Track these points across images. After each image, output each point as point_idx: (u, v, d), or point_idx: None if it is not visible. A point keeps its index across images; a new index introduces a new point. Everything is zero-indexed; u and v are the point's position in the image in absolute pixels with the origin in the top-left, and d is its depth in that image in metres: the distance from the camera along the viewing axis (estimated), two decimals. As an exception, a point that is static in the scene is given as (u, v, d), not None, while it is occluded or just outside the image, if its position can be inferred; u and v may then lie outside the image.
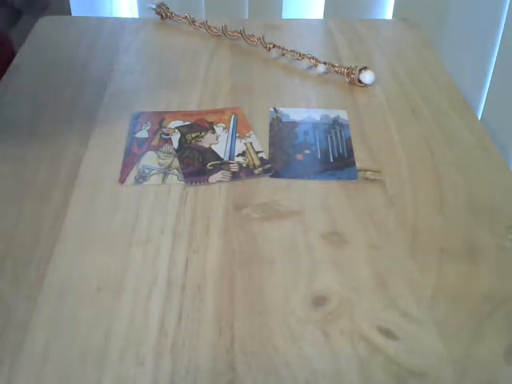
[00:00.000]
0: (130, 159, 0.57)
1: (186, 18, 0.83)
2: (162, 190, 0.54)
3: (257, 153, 0.57)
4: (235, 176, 0.55)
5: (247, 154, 0.57)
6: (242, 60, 0.76)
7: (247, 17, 1.36)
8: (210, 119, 0.62)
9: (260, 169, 0.55)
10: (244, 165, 0.56)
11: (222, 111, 0.64)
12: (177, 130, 0.60)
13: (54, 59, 0.74)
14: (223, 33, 0.80)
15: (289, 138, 0.60)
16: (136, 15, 1.36)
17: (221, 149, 0.58)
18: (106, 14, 1.37)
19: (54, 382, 0.38)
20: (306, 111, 0.65)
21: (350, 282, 0.45)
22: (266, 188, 0.54)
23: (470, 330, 0.42)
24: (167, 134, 0.60)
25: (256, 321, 0.42)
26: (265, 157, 0.57)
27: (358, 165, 0.57)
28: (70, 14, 1.33)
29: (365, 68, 0.70)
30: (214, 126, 0.61)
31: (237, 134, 0.60)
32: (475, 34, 1.35)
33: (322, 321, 0.42)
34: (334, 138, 0.61)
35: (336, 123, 0.63)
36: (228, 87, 0.69)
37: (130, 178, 0.54)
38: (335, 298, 0.44)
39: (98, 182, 0.54)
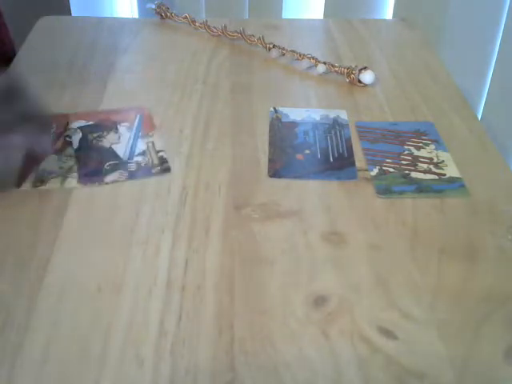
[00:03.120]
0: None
1: (185, 18, 0.83)
2: (163, 190, 0.54)
3: (157, 152, 0.57)
4: (132, 175, 0.55)
5: (148, 153, 0.57)
6: (241, 60, 0.76)
7: (247, 17, 1.36)
8: (114, 118, 0.62)
9: (158, 168, 0.55)
10: (143, 164, 0.56)
11: (127, 111, 0.63)
12: (78, 130, 0.60)
13: (53, 59, 0.74)
14: (223, 33, 0.80)
15: (289, 138, 0.60)
16: (136, 15, 1.36)
17: (121, 148, 0.58)
18: (106, 14, 1.37)
19: (54, 382, 0.38)
20: (305, 111, 0.65)
21: (350, 282, 0.45)
22: (266, 188, 0.54)
23: (470, 330, 0.42)
24: (71, 137, 0.59)
25: (256, 321, 0.42)
26: (165, 156, 0.57)
27: (357, 165, 0.57)
28: (70, 14, 1.33)
29: (365, 68, 0.70)
30: (118, 126, 0.60)
31: (140, 134, 0.60)
32: (475, 34, 1.35)
33: (322, 321, 0.42)
34: (333, 138, 0.61)
35: (336, 123, 0.63)
36: (228, 87, 0.69)
37: (27, 183, 0.53)
38: (335, 298, 0.44)
39: (98, 182, 0.54)
